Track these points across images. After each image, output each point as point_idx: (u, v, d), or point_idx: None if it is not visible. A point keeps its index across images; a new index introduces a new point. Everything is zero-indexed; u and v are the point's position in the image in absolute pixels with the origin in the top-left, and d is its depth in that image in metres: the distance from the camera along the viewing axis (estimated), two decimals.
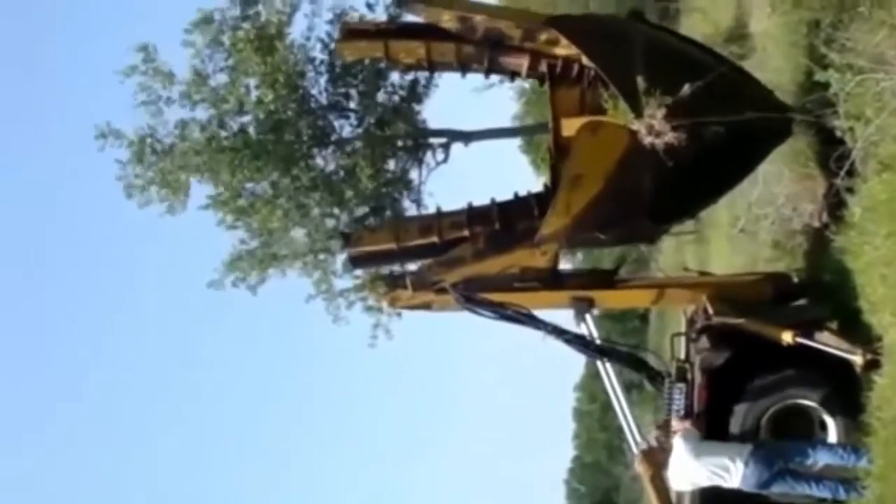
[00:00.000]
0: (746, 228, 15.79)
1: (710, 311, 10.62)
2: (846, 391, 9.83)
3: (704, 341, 10.45)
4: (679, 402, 10.41)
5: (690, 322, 11.29)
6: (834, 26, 10.40)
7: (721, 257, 18.08)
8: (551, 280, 11.32)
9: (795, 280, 12.36)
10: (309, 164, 13.07)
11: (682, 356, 11.15)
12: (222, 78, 13.27)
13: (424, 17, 11.15)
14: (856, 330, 9.89)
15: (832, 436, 10.01)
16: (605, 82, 10.11)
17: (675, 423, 9.99)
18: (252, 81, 13.02)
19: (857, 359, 9.44)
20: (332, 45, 13.23)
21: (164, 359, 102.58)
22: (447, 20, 10.77)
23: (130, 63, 13.24)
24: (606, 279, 11.90)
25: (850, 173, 10.46)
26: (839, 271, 10.72)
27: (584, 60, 10.27)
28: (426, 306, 11.75)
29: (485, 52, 10.95)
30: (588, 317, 11.24)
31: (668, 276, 12.24)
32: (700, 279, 12.07)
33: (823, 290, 11.31)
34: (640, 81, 9.45)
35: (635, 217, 10.63)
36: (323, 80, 13.63)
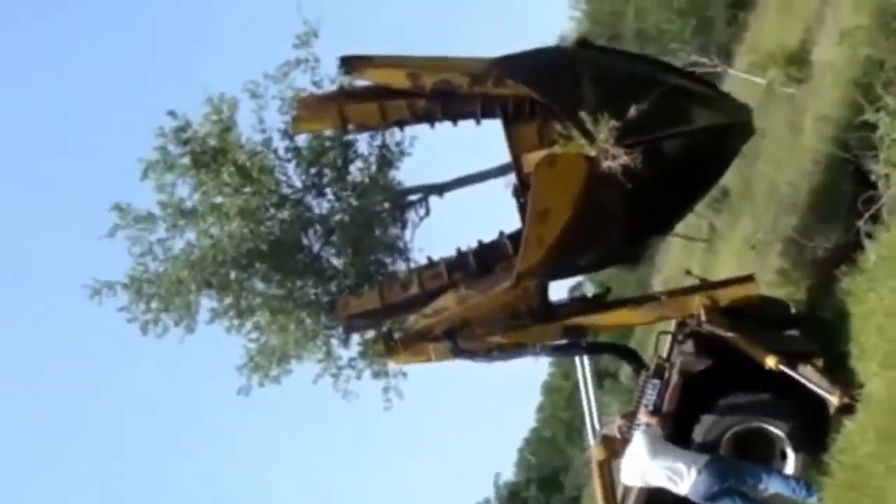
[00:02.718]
0: (758, 247, 15.74)
1: (703, 317, 10.63)
2: (814, 428, 9.89)
3: (689, 345, 10.48)
4: (651, 396, 10.48)
5: (680, 324, 11.29)
6: None
7: (725, 270, 18.06)
8: (542, 314, 11.35)
9: (793, 311, 12.35)
10: (294, 249, 12.96)
11: (665, 354, 11.17)
12: (196, 197, 13.08)
13: (371, 79, 11.23)
14: (840, 371, 9.90)
15: (789, 467, 10.07)
16: (557, 115, 10.13)
17: (642, 416, 10.04)
18: (217, 195, 12.90)
19: (834, 399, 9.49)
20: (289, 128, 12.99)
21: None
22: (394, 79, 10.90)
23: (111, 224, 13.04)
24: (597, 303, 11.97)
25: (875, 219, 10.41)
26: (839, 312, 10.71)
27: (534, 96, 10.28)
28: (425, 360, 11.76)
29: (437, 104, 11.01)
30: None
31: (665, 292, 12.23)
32: (695, 286, 12.03)
33: (819, 325, 11.29)
34: (590, 108, 9.49)
35: (609, 240, 10.70)
36: (291, 166, 13.36)
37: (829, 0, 20.02)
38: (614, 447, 9.91)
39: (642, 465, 9.52)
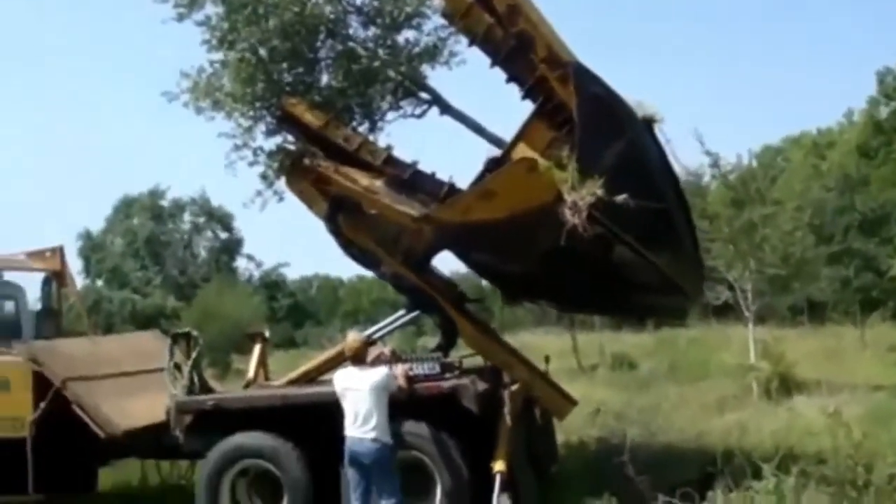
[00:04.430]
0: (599, 415, 15.84)
1: (510, 386, 11.02)
2: None
3: (481, 385, 10.36)
4: (422, 370, 10.59)
5: (496, 369, 11.49)
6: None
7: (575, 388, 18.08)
8: (414, 261, 11.56)
9: (554, 468, 12.54)
10: (307, 40, 12.42)
11: (458, 362, 11.20)
12: None
13: None
14: None
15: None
16: (573, 146, 9.79)
17: (400, 369, 10.10)
18: None
19: None
20: None
21: None
22: None
23: None
24: (459, 300, 12.03)
25: None
26: None
27: (574, 115, 10.01)
28: (309, 203, 11.83)
29: (507, 45, 10.88)
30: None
31: (508, 345, 12.22)
32: (535, 367, 11.98)
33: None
34: (598, 165, 9.29)
35: (511, 264, 10.70)
36: None
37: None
38: (364, 353, 9.88)
39: (358, 385, 9.61)
